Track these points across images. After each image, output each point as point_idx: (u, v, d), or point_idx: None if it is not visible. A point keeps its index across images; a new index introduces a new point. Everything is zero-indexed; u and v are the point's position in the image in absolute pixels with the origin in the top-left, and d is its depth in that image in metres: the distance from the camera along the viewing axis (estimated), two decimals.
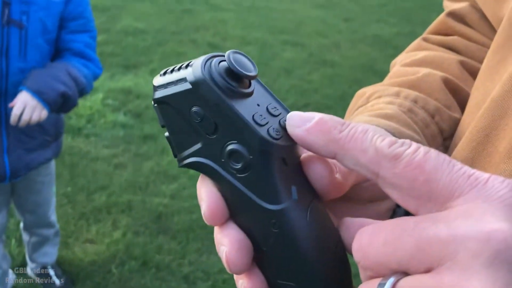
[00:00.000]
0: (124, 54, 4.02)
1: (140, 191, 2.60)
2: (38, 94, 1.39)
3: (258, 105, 0.29)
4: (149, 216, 2.43)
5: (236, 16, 5.39)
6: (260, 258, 0.28)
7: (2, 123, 1.46)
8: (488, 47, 0.51)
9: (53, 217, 1.90)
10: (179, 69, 0.29)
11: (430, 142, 0.43)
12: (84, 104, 3.21)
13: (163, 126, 0.31)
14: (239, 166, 0.27)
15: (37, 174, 1.69)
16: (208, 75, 0.28)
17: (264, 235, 0.27)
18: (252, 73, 0.28)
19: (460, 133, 0.41)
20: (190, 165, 0.30)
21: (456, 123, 0.44)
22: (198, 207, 2.56)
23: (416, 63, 0.51)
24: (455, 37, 0.54)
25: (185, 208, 2.52)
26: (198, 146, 0.29)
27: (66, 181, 2.55)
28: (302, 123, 0.26)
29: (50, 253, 1.97)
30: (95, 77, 1.63)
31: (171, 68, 0.30)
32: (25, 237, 1.92)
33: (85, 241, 2.24)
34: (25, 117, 1.38)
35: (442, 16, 0.56)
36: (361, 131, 0.25)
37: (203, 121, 0.28)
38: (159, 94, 0.29)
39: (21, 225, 1.93)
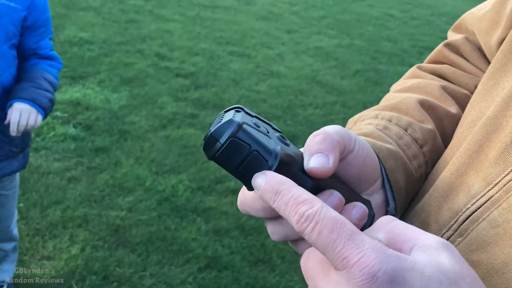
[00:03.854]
0: (70, 65, 3.93)
1: (95, 204, 2.56)
2: (32, 101, 1.44)
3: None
4: (107, 230, 2.41)
5: (182, 27, 5.41)
6: None
7: None
8: (474, 75, 0.62)
9: (15, 230, 1.86)
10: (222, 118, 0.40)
11: (405, 149, 0.51)
12: None
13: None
14: (286, 140, 0.41)
15: (1, 187, 1.66)
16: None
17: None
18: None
19: (456, 143, 0.50)
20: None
21: (428, 132, 0.54)
22: (156, 219, 2.57)
23: (404, 90, 0.62)
24: (444, 66, 0.64)
25: (143, 220, 2.52)
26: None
27: (18, 197, 2.47)
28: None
29: (8, 270, 1.92)
30: (59, 72, 1.71)
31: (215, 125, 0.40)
32: None
33: (42, 258, 2.19)
34: (22, 122, 1.42)
35: (440, 46, 0.66)
36: (284, 202, 0.34)
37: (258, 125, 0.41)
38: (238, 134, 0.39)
39: None
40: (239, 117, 0.38)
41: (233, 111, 0.39)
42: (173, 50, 4.71)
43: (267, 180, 0.35)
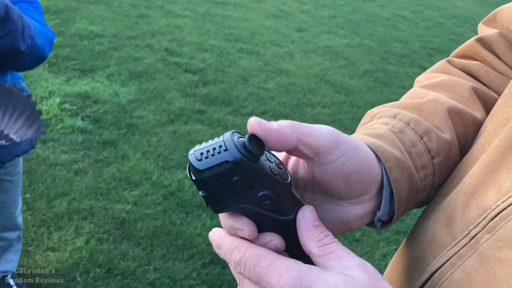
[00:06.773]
0: (80, 58, 3.94)
1: (101, 197, 2.57)
2: None
3: (264, 160, 0.40)
4: (112, 223, 2.41)
5: (192, 23, 5.41)
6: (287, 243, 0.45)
7: None
8: (506, 75, 0.58)
9: (20, 218, 1.85)
10: (218, 152, 0.39)
11: (415, 159, 0.49)
12: (40, 109, 3.12)
13: (200, 190, 0.40)
14: (267, 202, 0.40)
15: (4, 173, 1.65)
16: (243, 155, 0.38)
17: (285, 232, 0.42)
18: (263, 150, 0.40)
19: (488, 140, 0.48)
20: (231, 210, 0.41)
21: (444, 143, 0.51)
22: (161, 213, 2.57)
23: (432, 86, 0.58)
24: (477, 63, 0.60)
25: (148, 214, 2.52)
26: (236, 197, 0.40)
27: (24, 188, 2.48)
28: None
29: (12, 260, 1.91)
30: (48, 36, 1.43)
31: (205, 151, 0.39)
32: None
33: (47, 249, 2.19)
34: None
35: (472, 40, 0.62)
36: (223, 255, 0.41)
37: (241, 183, 0.39)
38: (206, 174, 0.39)
39: None
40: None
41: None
42: (183, 46, 4.71)
43: (211, 237, 0.42)
